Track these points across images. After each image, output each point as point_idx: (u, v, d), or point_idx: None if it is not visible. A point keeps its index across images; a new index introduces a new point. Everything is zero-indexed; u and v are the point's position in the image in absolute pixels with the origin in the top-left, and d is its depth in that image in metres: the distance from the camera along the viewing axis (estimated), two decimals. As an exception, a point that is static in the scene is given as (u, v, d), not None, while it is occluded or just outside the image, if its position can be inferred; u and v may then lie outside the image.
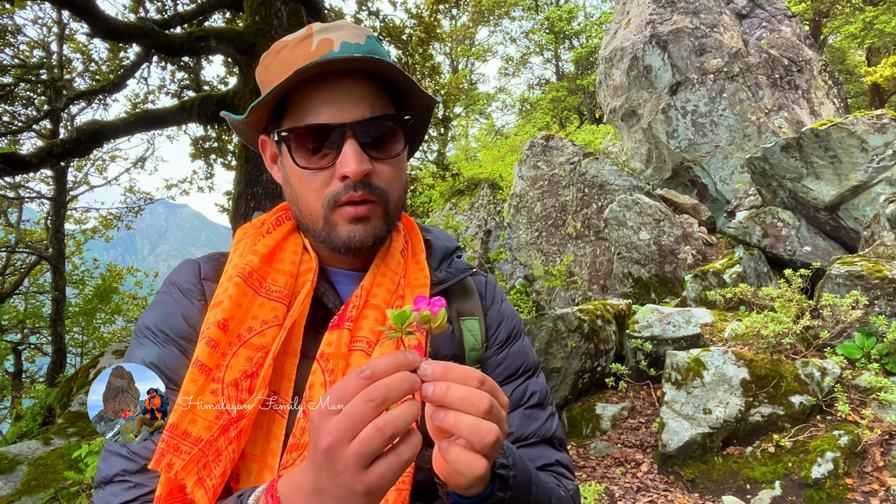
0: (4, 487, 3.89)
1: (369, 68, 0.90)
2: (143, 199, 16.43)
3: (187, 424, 0.79)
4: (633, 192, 8.94)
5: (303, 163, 0.90)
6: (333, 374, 0.86)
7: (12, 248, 13.79)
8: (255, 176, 6.11)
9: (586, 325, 5.77)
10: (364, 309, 0.93)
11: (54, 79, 10.75)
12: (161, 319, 0.93)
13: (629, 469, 4.66)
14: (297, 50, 0.91)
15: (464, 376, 0.65)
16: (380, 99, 0.93)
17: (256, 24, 6.33)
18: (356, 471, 0.59)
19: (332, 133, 0.89)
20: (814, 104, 10.71)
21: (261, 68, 0.98)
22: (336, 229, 0.92)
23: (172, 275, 1.02)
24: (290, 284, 0.93)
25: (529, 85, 31.49)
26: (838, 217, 7.21)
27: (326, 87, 0.89)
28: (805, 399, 4.43)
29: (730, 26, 11.12)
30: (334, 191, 0.90)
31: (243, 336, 0.87)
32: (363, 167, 0.88)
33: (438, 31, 12.48)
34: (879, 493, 3.79)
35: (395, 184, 0.95)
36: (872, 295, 4.95)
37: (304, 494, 0.64)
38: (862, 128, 6.83)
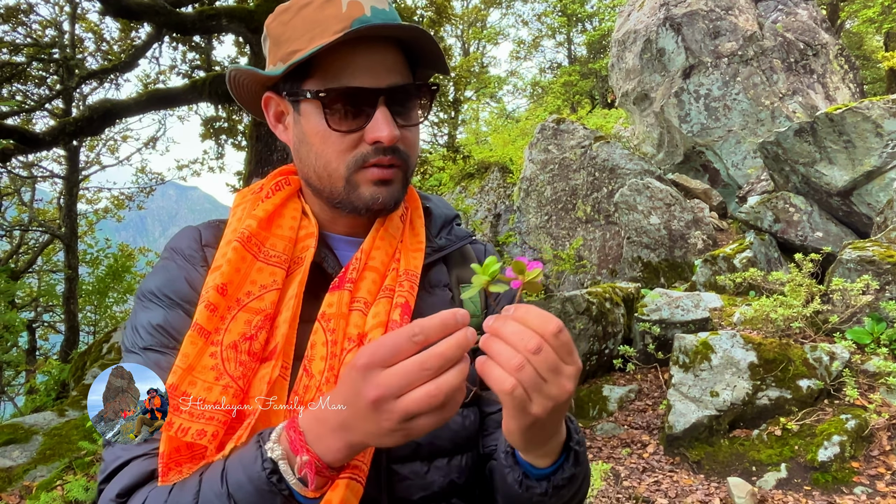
0: (21, 456, 3.97)
1: (409, 37, 0.91)
2: (154, 180, 16.50)
3: (186, 385, 0.79)
4: (644, 177, 8.89)
5: (334, 124, 0.90)
6: (335, 332, 0.87)
7: (26, 227, 13.92)
8: (265, 156, 6.12)
9: (595, 307, 5.77)
10: (364, 271, 0.94)
11: (66, 58, 10.77)
12: (165, 284, 0.94)
13: (635, 450, 4.69)
14: (326, 9, 0.89)
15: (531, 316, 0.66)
16: (405, 68, 0.94)
17: (268, 3, 6.30)
18: (399, 423, 0.63)
19: (368, 97, 0.89)
20: (829, 89, 10.57)
21: (276, 23, 0.96)
22: (358, 190, 0.92)
23: (173, 241, 1.02)
24: (288, 249, 0.94)
25: (541, 68, 31.23)
26: (851, 202, 7.14)
27: (363, 52, 0.89)
28: (813, 383, 4.43)
29: (745, 9, 10.97)
30: (363, 152, 0.90)
31: (242, 300, 0.87)
32: (395, 133, 0.89)
33: (450, 12, 12.39)
34: (886, 476, 3.80)
35: (414, 150, 0.96)
36: (883, 280, 4.93)
37: (329, 428, 0.68)
38: (877, 112, 6.75)
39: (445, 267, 1.07)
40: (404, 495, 0.89)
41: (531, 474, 0.80)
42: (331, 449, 0.69)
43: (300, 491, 0.70)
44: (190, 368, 0.80)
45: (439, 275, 1.04)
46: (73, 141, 10.65)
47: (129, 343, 0.91)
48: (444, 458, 0.93)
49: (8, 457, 3.98)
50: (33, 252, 14.59)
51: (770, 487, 3.94)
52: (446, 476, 0.92)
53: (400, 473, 0.89)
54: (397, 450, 0.89)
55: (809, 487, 3.87)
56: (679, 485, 4.14)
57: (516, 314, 0.66)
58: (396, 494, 0.89)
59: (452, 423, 0.93)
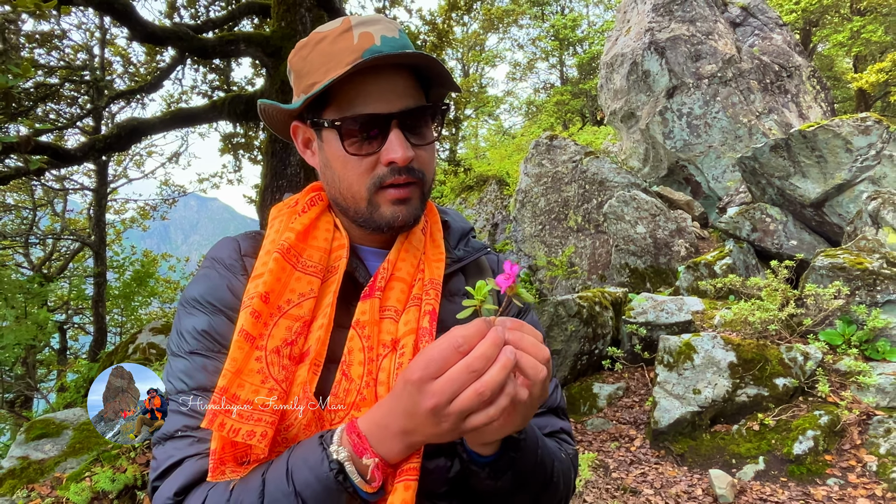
0: (53, 449, 3.97)
1: (417, 63, 0.91)
2: (176, 192, 16.52)
3: (236, 388, 0.79)
4: (630, 189, 8.89)
5: (352, 149, 0.91)
6: (370, 339, 0.87)
7: (58, 236, 13.94)
8: (280, 170, 6.14)
9: (585, 310, 5.77)
10: (391, 281, 0.94)
11: (96, 79, 10.81)
12: (208, 291, 0.94)
13: (623, 444, 4.68)
14: (339, 43, 0.90)
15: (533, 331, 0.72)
16: (417, 90, 0.94)
17: (283, 29, 6.34)
18: (456, 423, 0.67)
19: (380, 122, 0.90)
20: (802, 108, 10.58)
21: (297, 58, 0.97)
22: (380, 210, 0.93)
23: (214, 251, 1.02)
24: (323, 260, 0.94)
25: (535, 89, 31.32)
26: (823, 213, 7.14)
27: (374, 80, 0.90)
28: (788, 381, 4.42)
29: (724, 34, 11.00)
30: (380, 174, 0.91)
31: (283, 307, 0.87)
32: (409, 154, 0.89)
33: (451, 37, 12.41)
34: (856, 468, 3.79)
35: (430, 167, 0.96)
36: (854, 285, 4.92)
37: (391, 433, 0.72)
38: (847, 129, 6.76)
39: (463, 277, 1.07)
40: (432, 489, 0.89)
41: (474, 460, 0.83)
42: (393, 451, 0.73)
43: (364, 488, 0.73)
44: (238, 372, 0.80)
45: (458, 284, 1.05)
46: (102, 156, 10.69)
47: (175, 347, 0.91)
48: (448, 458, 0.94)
49: (40, 450, 3.98)
50: (65, 259, 14.60)
51: (749, 479, 3.93)
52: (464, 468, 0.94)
53: (427, 468, 0.89)
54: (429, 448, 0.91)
55: (785, 479, 3.86)
56: (664, 476, 4.12)
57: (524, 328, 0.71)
58: (425, 489, 0.88)
59: None
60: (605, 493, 3.98)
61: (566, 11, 28.01)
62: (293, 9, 6.32)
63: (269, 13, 7.11)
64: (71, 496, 3.31)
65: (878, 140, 6.68)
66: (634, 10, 11.93)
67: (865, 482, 3.65)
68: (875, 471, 3.71)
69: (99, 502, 3.36)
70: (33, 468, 3.85)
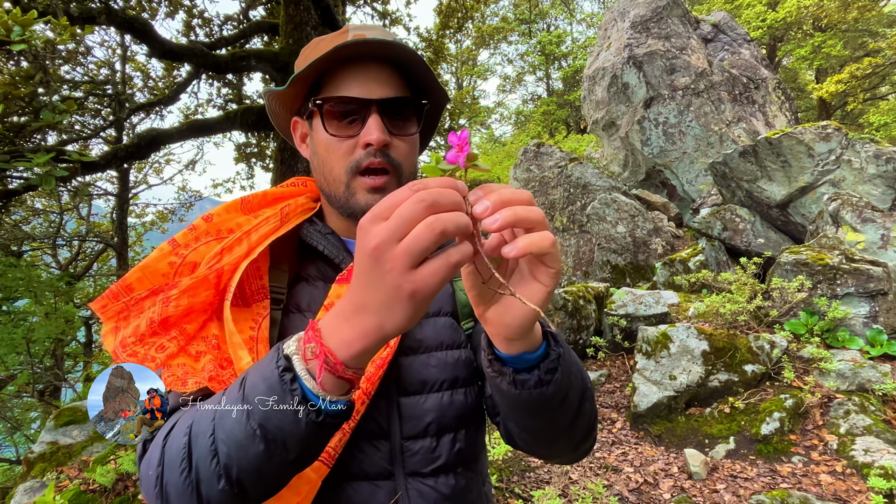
0: (80, 435, 3.95)
1: (396, 55, 0.90)
2: (193, 197, 16.48)
3: (134, 281, 0.80)
4: (611, 192, 8.91)
5: (332, 130, 0.90)
6: None
7: (83, 238, 13.88)
8: (288, 176, 6.11)
9: (570, 304, 5.78)
10: None
11: (118, 93, 10.76)
12: None
13: (605, 426, 4.69)
14: (335, 42, 0.91)
15: (514, 193, 0.57)
16: (401, 86, 0.93)
17: (290, 46, 6.32)
18: (404, 270, 0.51)
19: (360, 106, 0.89)
20: (769, 117, 10.62)
21: (301, 58, 0.98)
22: (355, 196, 0.91)
23: None
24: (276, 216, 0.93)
25: (524, 100, 31.29)
26: (788, 213, 7.17)
27: (358, 68, 0.89)
28: (756, 368, 4.44)
29: (697, 49, 11.02)
30: (357, 158, 0.89)
31: (221, 232, 0.89)
32: (384, 137, 0.88)
33: (445, 52, 12.40)
34: (819, 447, 3.81)
35: (408, 160, 0.93)
36: (816, 279, 4.95)
37: (345, 318, 0.57)
38: (809, 136, 6.79)
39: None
40: (416, 468, 0.88)
41: (521, 368, 0.70)
42: (343, 340, 0.57)
43: (314, 389, 0.59)
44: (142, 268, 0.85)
45: None
46: (123, 164, 10.65)
47: None
48: (451, 433, 0.91)
49: (69, 435, 3.96)
50: (90, 259, 14.54)
51: (721, 457, 3.95)
52: (452, 448, 0.91)
53: (412, 449, 0.88)
54: (411, 427, 0.88)
55: (754, 457, 3.88)
56: (643, 455, 4.14)
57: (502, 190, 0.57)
58: (409, 468, 0.88)
59: (457, 403, 0.92)
60: (588, 471, 3.99)
61: (552, 29, 28.03)
62: (300, 27, 6.30)
63: (278, 31, 7.09)
64: (97, 477, 3.31)
65: (838, 146, 6.71)
66: (615, 27, 11.94)
67: (827, 459, 3.68)
68: (836, 449, 3.73)
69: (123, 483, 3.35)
70: (62, 452, 3.83)
